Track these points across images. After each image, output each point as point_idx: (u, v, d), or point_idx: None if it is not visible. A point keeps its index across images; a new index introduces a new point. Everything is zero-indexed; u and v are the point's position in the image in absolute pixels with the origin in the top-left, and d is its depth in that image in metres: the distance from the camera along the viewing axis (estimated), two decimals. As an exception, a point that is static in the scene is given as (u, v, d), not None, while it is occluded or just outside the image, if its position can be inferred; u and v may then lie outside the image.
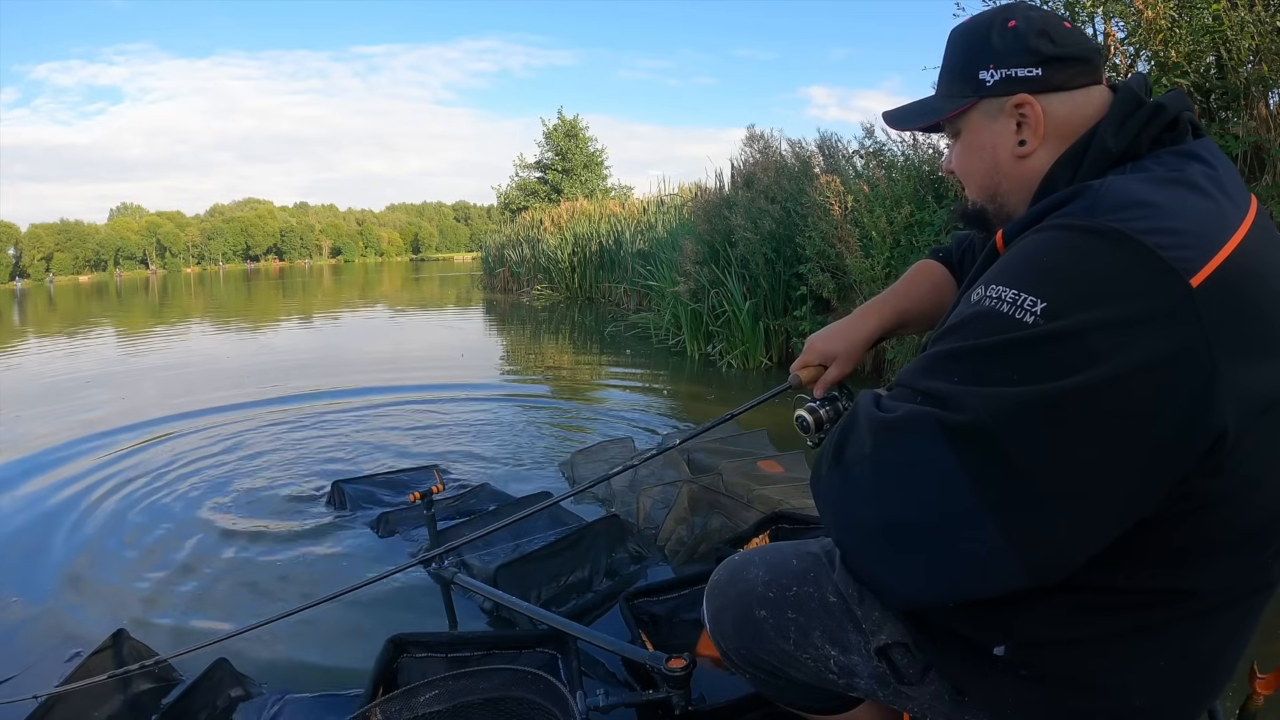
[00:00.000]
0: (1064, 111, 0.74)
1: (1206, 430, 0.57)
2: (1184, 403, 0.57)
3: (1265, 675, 0.84)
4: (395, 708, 1.17)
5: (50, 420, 4.55)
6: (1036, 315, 0.59)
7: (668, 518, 2.33)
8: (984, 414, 0.58)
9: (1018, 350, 0.59)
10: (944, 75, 0.82)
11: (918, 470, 0.62)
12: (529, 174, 25.27)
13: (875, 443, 0.65)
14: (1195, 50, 3.05)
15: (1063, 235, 0.63)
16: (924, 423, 0.61)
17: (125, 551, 2.51)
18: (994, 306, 0.62)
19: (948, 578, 0.64)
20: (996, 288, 0.63)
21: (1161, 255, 0.58)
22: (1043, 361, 0.58)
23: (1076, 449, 0.57)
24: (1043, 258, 0.63)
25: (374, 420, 4.23)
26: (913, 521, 0.63)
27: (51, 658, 1.82)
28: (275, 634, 1.94)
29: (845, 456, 0.68)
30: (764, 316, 5.55)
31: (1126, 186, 0.65)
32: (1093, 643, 0.69)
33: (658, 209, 10.45)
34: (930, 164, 4.59)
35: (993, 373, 0.60)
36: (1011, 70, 0.74)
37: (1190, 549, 0.64)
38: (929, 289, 1.11)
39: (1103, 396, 0.56)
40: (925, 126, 0.87)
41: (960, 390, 0.61)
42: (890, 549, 0.66)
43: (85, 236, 79.04)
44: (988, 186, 0.80)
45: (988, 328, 0.62)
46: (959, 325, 0.65)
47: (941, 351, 0.65)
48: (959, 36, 0.81)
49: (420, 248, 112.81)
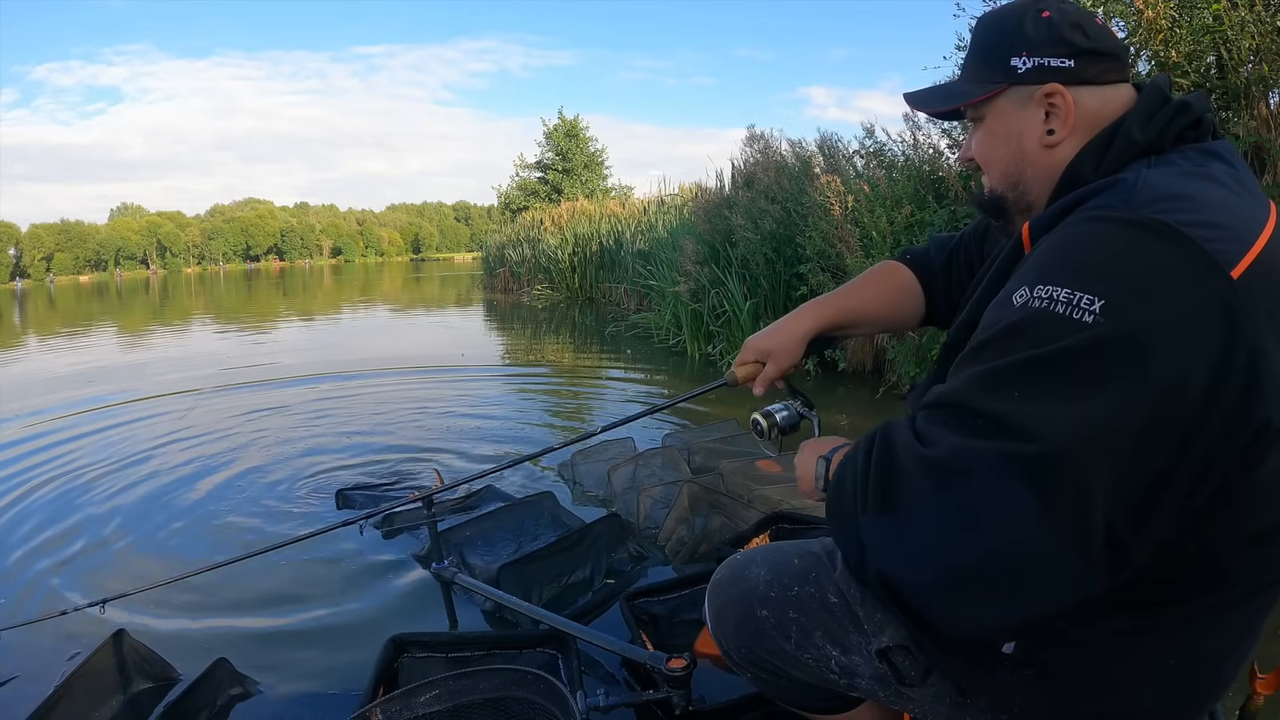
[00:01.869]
0: (1093, 105, 0.74)
1: (1252, 421, 0.57)
2: (1236, 395, 0.56)
3: (1265, 675, 0.84)
4: (396, 707, 1.17)
5: (51, 412, 4.57)
6: (1095, 314, 0.56)
7: (668, 518, 2.33)
8: (1059, 439, 0.55)
9: (1082, 356, 0.56)
10: (971, 59, 0.81)
11: (991, 512, 0.56)
12: (529, 174, 25.28)
13: (934, 485, 0.59)
14: (1195, 50, 3.05)
15: (1105, 228, 0.62)
16: (991, 460, 0.56)
17: (125, 551, 2.51)
18: (1047, 308, 0.59)
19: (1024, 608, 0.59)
20: (1045, 288, 0.60)
21: (1204, 248, 0.57)
22: (1110, 365, 0.55)
23: (1151, 454, 0.56)
24: (1088, 252, 0.61)
25: (373, 421, 4.23)
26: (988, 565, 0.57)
27: (52, 658, 1.82)
28: (275, 633, 1.94)
29: (895, 500, 0.62)
30: (764, 316, 5.54)
31: (1162, 179, 0.65)
32: (1106, 640, 0.68)
33: (658, 209, 10.45)
34: (930, 164, 4.59)
35: (1058, 385, 0.56)
36: (1045, 59, 0.74)
37: (1213, 545, 0.63)
38: (882, 290, 1.11)
39: (1170, 396, 0.55)
40: (946, 111, 0.86)
41: (1027, 413, 0.56)
42: (962, 592, 0.59)
43: (86, 236, 79.08)
44: (1010, 173, 0.79)
45: (1045, 333, 0.58)
46: (1009, 332, 0.61)
47: (998, 367, 0.60)
48: (990, 22, 0.80)
49: (421, 248, 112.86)
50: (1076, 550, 0.55)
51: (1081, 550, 0.55)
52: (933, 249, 1.14)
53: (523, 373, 6.15)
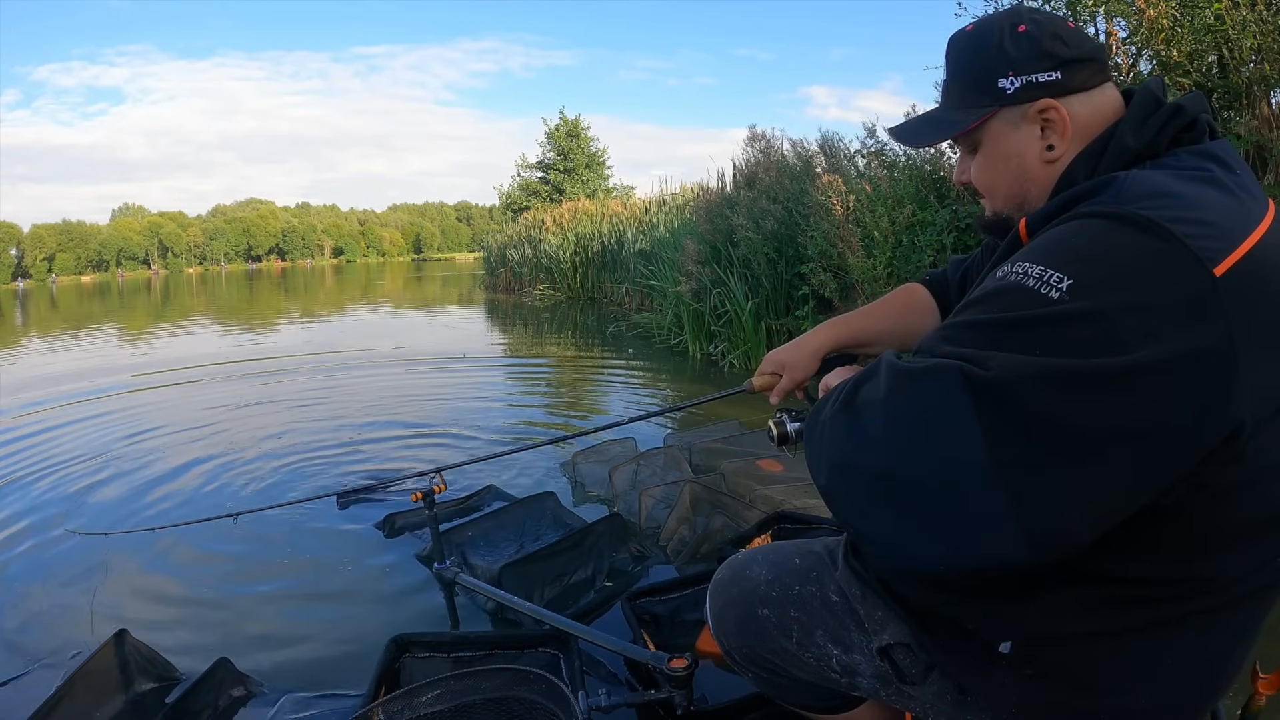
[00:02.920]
0: (1086, 112, 0.74)
1: (1223, 420, 0.57)
2: (1202, 392, 0.56)
3: (1267, 675, 0.83)
4: (397, 707, 1.17)
5: (52, 412, 4.58)
6: (1062, 291, 0.58)
7: (670, 517, 2.33)
8: (1009, 375, 0.56)
9: (1042, 325, 0.58)
10: (954, 86, 0.80)
11: (934, 419, 0.58)
12: (531, 174, 25.29)
13: (892, 387, 0.62)
14: (1197, 49, 3.05)
15: (1092, 221, 0.63)
16: (948, 373, 0.58)
17: (125, 550, 2.51)
18: (1019, 281, 0.61)
19: (944, 540, 0.59)
20: (1023, 264, 0.62)
21: (1188, 244, 0.58)
22: (1066, 339, 0.57)
23: (1091, 426, 0.56)
24: (1071, 240, 0.62)
25: (373, 422, 4.23)
26: (919, 475, 0.59)
27: (53, 657, 1.82)
28: (277, 633, 1.95)
29: (857, 400, 0.64)
30: (766, 316, 5.54)
31: (1152, 178, 0.65)
32: (1102, 639, 0.68)
33: (659, 209, 10.44)
34: (932, 163, 4.58)
35: (1016, 344, 0.58)
36: (1032, 76, 0.73)
37: (1206, 539, 0.63)
38: (898, 310, 1.14)
39: (1122, 379, 0.55)
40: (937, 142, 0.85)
41: (984, 354, 0.58)
42: (889, 500, 0.61)
43: (87, 237, 79.10)
44: (1015, 195, 0.79)
45: (1012, 301, 0.61)
46: (982, 298, 0.64)
47: (963, 321, 0.64)
48: (964, 45, 0.79)
49: (422, 248, 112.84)
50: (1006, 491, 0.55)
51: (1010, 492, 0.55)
52: (950, 270, 1.15)
53: (524, 373, 6.16)
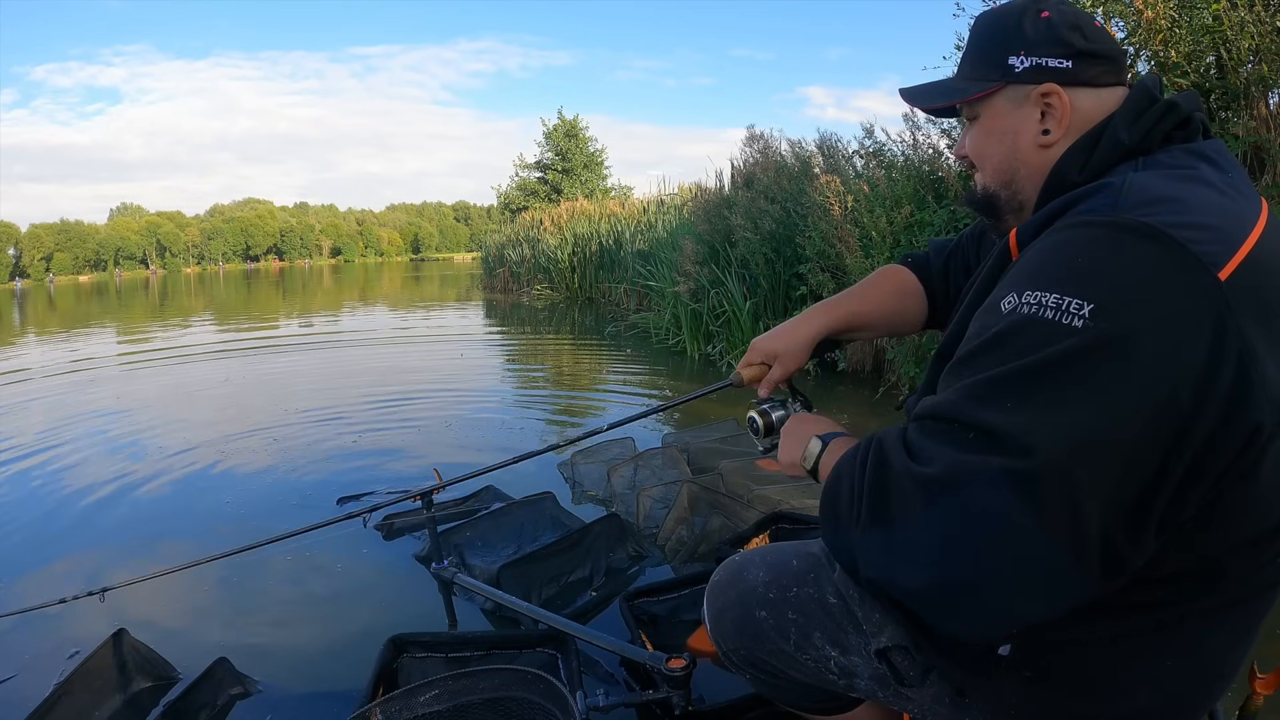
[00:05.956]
0: (1089, 107, 0.74)
1: (1244, 426, 0.56)
2: (1225, 399, 0.55)
3: (1265, 675, 0.83)
4: (395, 707, 1.17)
5: (51, 412, 4.57)
6: (1085, 319, 0.56)
7: (668, 518, 2.33)
8: (1052, 450, 0.54)
9: (1073, 361, 0.55)
10: (969, 57, 0.81)
11: (985, 526, 0.55)
12: (529, 174, 25.30)
13: (927, 501, 0.58)
14: (1195, 50, 3.05)
15: (1092, 233, 0.61)
16: (984, 475, 0.55)
17: (125, 550, 2.51)
18: (1036, 314, 0.58)
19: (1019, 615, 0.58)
20: (1033, 293, 0.59)
21: (1191, 250, 0.57)
22: (1101, 370, 0.55)
23: (1144, 459, 0.55)
24: (1075, 257, 0.60)
25: (372, 423, 4.23)
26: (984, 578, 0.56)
27: (52, 656, 1.82)
28: (275, 633, 1.94)
29: (889, 515, 0.61)
30: (764, 316, 5.55)
31: (1148, 182, 0.64)
32: (1100, 642, 0.68)
33: (658, 209, 10.46)
34: (930, 164, 4.59)
35: (1049, 393, 0.55)
36: (1042, 59, 0.74)
37: (1211, 548, 0.63)
38: (887, 294, 1.12)
39: (1161, 400, 0.54)
40: (941, 108, 0.85)
41: (1018, 424, 0.55)
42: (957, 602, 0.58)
43: (85, 236, 79.06)
44: (1004, 172, 0.79)
45: (1035, 340, 0.57)
46: (998, 339, 0.60)
47: (987, 377, 0.59)
48: (988, 21, 0.80)
49: (420, 248, 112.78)
50: (1071, 559, 0.55)
51: (1076, 559, 0.55)
52: (931, 253, 1.14)
53: (523, 373, 6.15)
